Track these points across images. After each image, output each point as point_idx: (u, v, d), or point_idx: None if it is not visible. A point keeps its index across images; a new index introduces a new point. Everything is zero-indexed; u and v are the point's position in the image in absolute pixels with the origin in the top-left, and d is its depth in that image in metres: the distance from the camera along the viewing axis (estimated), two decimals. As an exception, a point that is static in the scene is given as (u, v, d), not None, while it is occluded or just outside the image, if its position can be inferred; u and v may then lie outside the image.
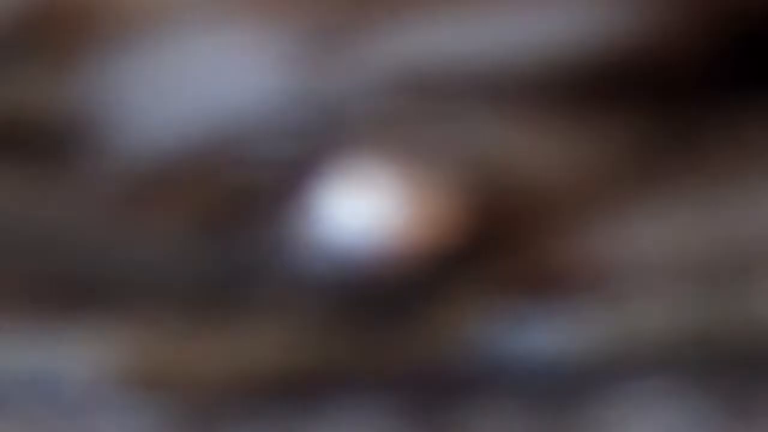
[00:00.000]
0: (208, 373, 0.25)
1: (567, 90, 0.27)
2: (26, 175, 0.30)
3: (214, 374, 0.25)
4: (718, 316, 0.27)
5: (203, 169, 0.28)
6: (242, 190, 0.28)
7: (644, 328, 0.27)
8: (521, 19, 0.25)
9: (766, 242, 0.27)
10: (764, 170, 0.27)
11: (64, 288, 0.29)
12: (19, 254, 0.30)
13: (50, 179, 0.29)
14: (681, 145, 0.27)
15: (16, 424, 0.28)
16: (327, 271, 0.24)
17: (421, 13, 0.25)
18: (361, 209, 0.24)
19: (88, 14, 0.27)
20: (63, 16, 0.27)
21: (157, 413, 0.27)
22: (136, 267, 0.30)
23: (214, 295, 0.27)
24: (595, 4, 0.26)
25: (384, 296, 0.25)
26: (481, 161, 0.26)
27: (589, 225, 0.27)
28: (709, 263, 0.27)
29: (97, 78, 0.26)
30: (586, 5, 0.26)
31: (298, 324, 0.25)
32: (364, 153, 0.25)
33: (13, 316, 0.28)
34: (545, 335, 0.27)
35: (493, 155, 0.26)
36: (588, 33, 0.27)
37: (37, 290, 0.28)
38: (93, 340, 0.27)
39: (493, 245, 0.25)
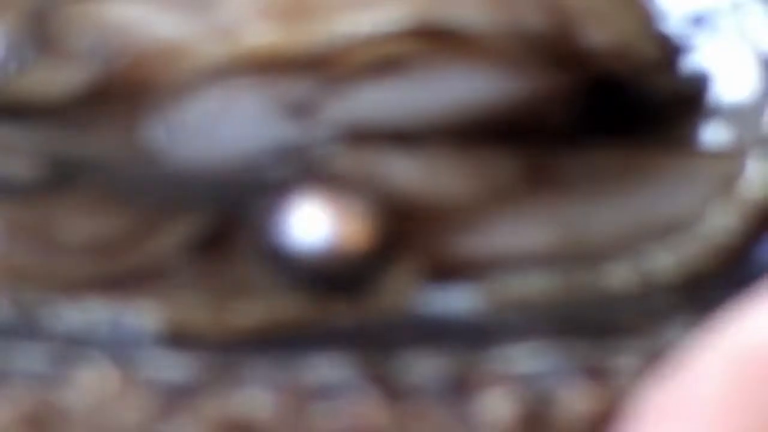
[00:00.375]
0: (224, 330, 0.30)
1: (467, 135, 0.32)
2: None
3: (228, 330, 0.30)
4: (575, 289, 0.31)
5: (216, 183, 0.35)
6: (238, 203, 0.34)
7: (519, 298, 0.34)
8: (440, 85, 0.32)
9: (606, 236, 0.31)
10: (606, 187, 0.32)
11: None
12: None
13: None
14: (548, 170, 0.32)
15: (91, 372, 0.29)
16: (295, 263, 0.31)
17: (363, 81, 0.32)
18: (316, 222, 0.31)
19: (142, 83, 0.33)
20: (120, 88, 0.33)
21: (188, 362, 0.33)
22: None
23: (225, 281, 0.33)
24: (490, 74, 0.32)
25: (334, 278, 0.31)
26: (394, 186, 0.31)
27: (476, 226, 0.32)
28: (566, 251, 0.31)
29: (151, 128, 0.33)
30: (484, 75, 0.32)
31: (278, 296, 0.32)
32: (318, 185, 0.31)
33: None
34: (454, 301, 0.33)
35: (403, 183, 0.31)
36: (485, 93, 0.32)
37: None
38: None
39: (406, 243, 0.31)
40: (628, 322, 0.30)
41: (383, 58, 0.31)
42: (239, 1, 0.32)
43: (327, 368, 0.29)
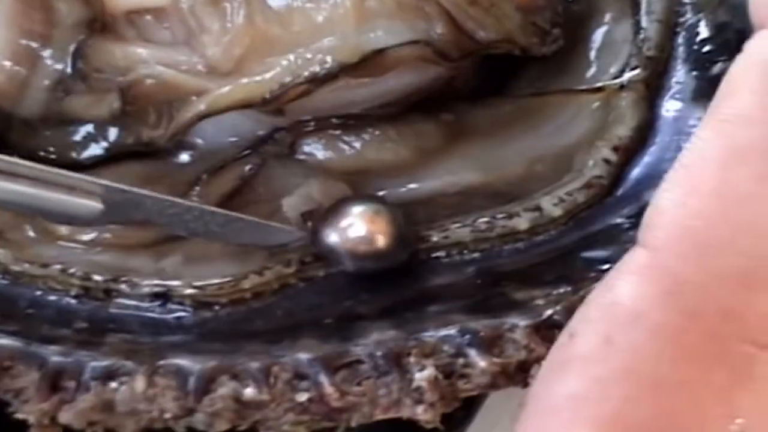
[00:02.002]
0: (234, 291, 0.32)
1: (403, 109, 0.35)
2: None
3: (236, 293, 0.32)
4: (490, 233, 0.33)
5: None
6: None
7: (448, 243, 0.34)
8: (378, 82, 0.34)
9: (513, 175, 0.34)
10: (509, 131, 0.35)
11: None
12: None
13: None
14: (462, 125, 0.35)
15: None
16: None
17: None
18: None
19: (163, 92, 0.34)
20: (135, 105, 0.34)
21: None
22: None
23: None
24: (415, 69, 0.34)
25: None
26: (361, 158, 0.35)
27: (413, 177, 0.35)
28: (483, 190, 0.34)
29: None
30: (411, 70, 0.34)
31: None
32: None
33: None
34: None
35: (365, 154, 0.35)
36: (412, 80, 0.35)
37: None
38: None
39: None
40: (530, 269, 0.32)
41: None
42: (214, 45, 0.34)
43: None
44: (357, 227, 0.32)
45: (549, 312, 0.30)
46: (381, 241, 0.32)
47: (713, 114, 0.25)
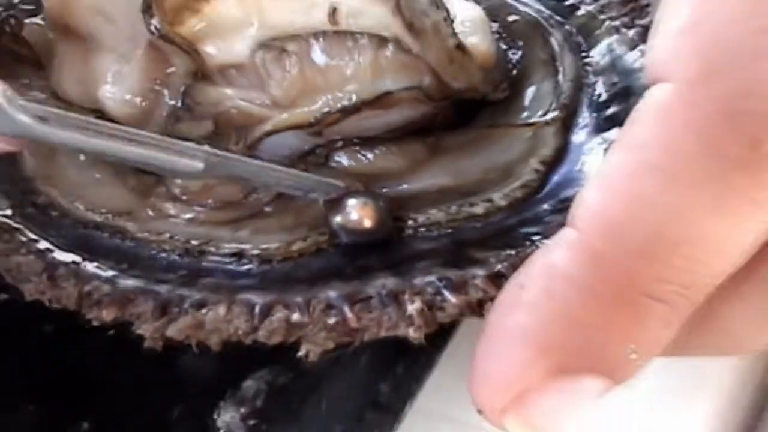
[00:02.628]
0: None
1: (402, 132, 0.34)
2: None
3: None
4: (458, 216, 0.32)
5: None
6: None
7: (428, 223, 0.33)
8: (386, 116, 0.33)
9: (472, 180, 0.33)
10: (472, 152, 0.33)
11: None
12: None
13: None
14: (440, 146, 0.34)
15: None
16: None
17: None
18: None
19: (241, 119, 0.33)
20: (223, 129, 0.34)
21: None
22: None
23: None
24: (410, 106, 0.33)
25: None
26: (370, 166, 0.34)
27: (406, 180, 0.34)
28: (453, 190, 0.32)
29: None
30: (408, 107, 0.33)
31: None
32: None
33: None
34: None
35: (373, 164, 0.34)
36: (409, 115, 0.34)
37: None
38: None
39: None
40: (486, 239, 0.31)
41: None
42: (277, 85, 0.34)
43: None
44: (351, 214, 0.32)
45: (498, 267, 0.29)
46: (367, 223, 0.32)
47: (622, 140, 0.25)
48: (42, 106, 0.29)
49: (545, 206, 0.32)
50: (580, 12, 0.36)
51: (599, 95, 0.34)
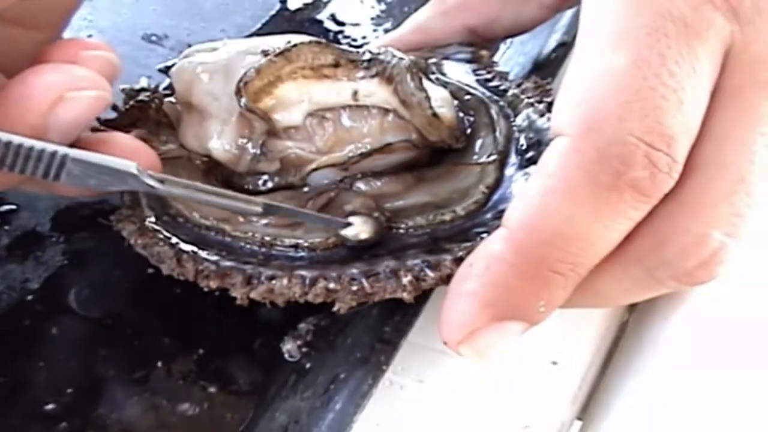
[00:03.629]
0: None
1: (397, 169, 0.33)
2: None
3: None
4: (434, 221, 0.30)
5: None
6: None
7: (413, 226, 0.31)
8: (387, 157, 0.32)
9: (443, 199, 0.31)
10: (442, 181, 0.31)
11: None
12: None
13: None
14: (424, 177, 0.32)
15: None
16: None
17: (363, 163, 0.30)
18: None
19: (297, 161, 0.31)
20: (287, 168, 0.31)
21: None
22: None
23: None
24: (404, 152, 0.32)
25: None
26: (373, 191, 0.32)
27: (400, 198, 0.32)
28: (430, 205, 0.31)
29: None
30: (402, 153, 0.32)
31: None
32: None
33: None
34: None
35: (375, 189, 0.32)
36: (402, 157, 0.32)
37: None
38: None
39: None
40: (452, 236, 0.30)
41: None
42: (320, 139, 0.33)
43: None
44: (354, 229, 0.31)
45: (460, 254, 0.28)
46: (363, 235, 0.31)
47: (537, 172, 0.24)
48: (160, 175, 0.28)
49: (488, 215, 0.31)
50: (509, 93, 0.35)
51: (522, 145, 0.33)
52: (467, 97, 0.37)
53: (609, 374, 0.27)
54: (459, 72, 0.38)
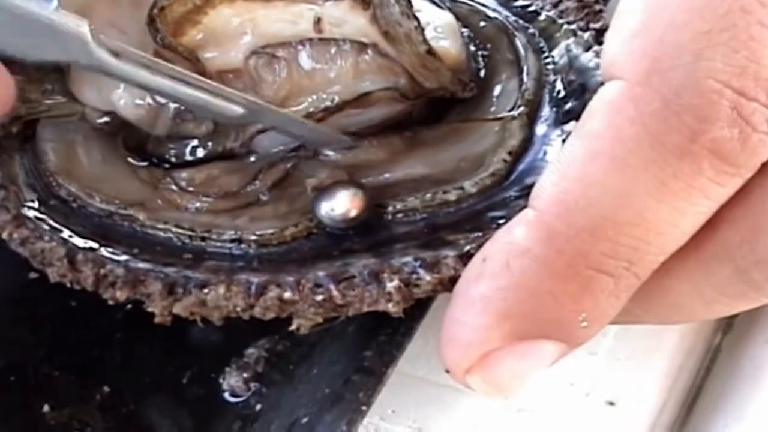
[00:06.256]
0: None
1: (384, 127, 0.33)
2: None
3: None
4: (432, 202, 0.31)
5: None
6: None
7: (406, 208, 0.31)
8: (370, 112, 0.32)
9: (446, 170, 0.31)
10: (445, 144, 0.32)
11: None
12: None
13: None
14: (417, 139, 0.33)
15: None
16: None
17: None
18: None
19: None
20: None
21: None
22: None
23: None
24: (391, 104, 0.32)
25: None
26: (358, 159, 0.32)
27: (388, 170, 0.32)
28: (428, 179, 0.31)
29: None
30: (388, 105, 0.32)
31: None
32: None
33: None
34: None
35: (359, 156, 0.32)
36: (390, 110, 0.32)
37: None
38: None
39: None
40: (457, 223, 0.30)
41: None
42: (269, 87, 0.32)
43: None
44: (340, 204, 0.31)
45: (468, 248, 0.28)
46: (353, 212, 0.31)
47: (577, 131, 0.24)
48: (119, 43, 0.28)
49: (511, 192, 0.30)
50: (542, 17, 0.34)
51: (558, 92, 0.32)
52: (482, 23, 0.36)
53: (692, 420, 0.27)
54: (471, -15, 0.37)
